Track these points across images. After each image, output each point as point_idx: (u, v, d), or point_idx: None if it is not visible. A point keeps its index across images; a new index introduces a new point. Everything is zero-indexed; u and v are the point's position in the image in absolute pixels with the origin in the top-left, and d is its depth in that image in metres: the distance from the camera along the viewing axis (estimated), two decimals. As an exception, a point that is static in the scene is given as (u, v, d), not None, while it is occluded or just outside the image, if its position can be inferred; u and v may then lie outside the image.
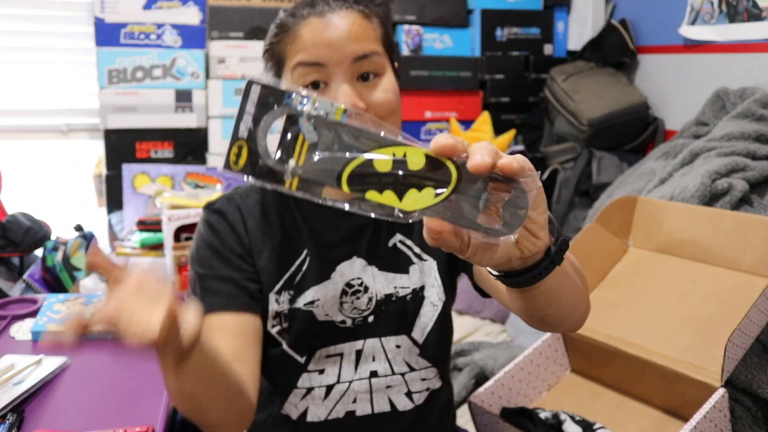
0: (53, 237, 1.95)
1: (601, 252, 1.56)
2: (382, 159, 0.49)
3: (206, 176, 2.27)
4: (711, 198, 1.60)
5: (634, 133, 2.41)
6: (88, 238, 1.96)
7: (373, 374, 0.93)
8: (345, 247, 0.93)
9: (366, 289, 0.92)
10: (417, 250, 0.94)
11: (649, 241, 1.57)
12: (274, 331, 0.92)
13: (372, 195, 0.49)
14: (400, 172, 0.49)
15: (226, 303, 0.88)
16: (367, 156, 0.49)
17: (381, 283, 0.92)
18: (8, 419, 0.93)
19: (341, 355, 0.93)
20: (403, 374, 0.94)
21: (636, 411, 1.36)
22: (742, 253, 1.39)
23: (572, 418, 1.25)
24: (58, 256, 1.90)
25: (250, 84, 0.49)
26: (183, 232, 1.84)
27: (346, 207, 0.50)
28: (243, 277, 0.90)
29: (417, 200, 0.49)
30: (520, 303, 0.70)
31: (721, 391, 1.17)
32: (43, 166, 2.49)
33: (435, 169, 0.49)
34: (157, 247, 1.94)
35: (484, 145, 0.51)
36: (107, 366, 1.14)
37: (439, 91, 2.60)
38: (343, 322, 0.92)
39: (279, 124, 0.49)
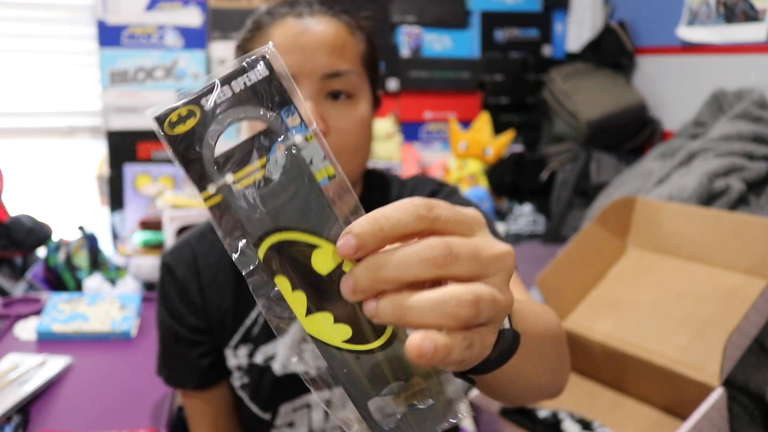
0: (55, 237, 1.96)
1: (600, 252, 1.57)
2: (325, 254, 0.34)
3: (207, 177, 2.28)
4: (708, 198, 1.61)
5: (632, 134, 2.42)
6: (90, 239, 1.97)
7: None
8: None
9: None
10: None
11: (648, 242, 1.58)
12: (236, 384, 0.87)
13: (281, 282, 0.35)
14: (331, 287, 0.34)
15: (185, 382, 0.89)
16: (311, 238, 0.34)
17: None
18: (14, 420, 0.94)
19: (308, 406, 0.86)
20: None
21: (634, 410, 1.37)
22: (741, 254, 1.40)
23: (571, 416, 1.26)
24: (61, 256, 1.90)
25: (262, 57, 0.35)
26: (185, 231, 1.85)
27: (244, 265, 0.35)
28: (197, 353, 0.87)
29: (323, 328, 0.35)
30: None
31: (720, 390, 1.18)
32: (46, 166, 2.50)
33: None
34: (158, 246, 1.95)
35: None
36: (112, 367, 1.15)
37: (438, 92, 2.61)
38: (307, 372, 0.85)
39: (249, 127, 0.35)
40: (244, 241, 0.35)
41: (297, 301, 0.35)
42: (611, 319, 1.45)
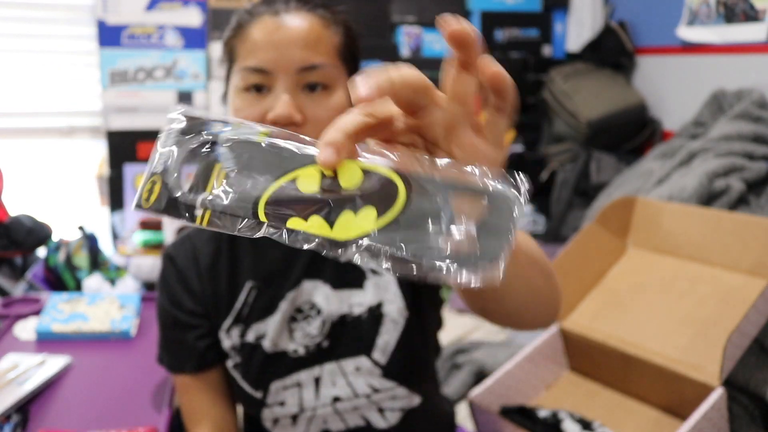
0: (55, 237, 1.96)
1: (600, 252, 1.57)
2: (306, 178, 0.39)
3: (207, 177, 2.28)
4: (709, 198, 1.61)
5: (632, 134, 2.42)
6: (90, 239, 1.97)
7: (336, 399, 0.87)
8: (292, 272, 0.86)
9: (318, 312, 0.86)
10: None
11: (648, 242, 1.58)
12: (230, 365, 0.89)
13: (293, 223, 0.39)
14: (331, 193, 0.39)
15: (184, 366, 0.91)
16: (287, 178, 0.40)
17: (335, 304, 0.86)
18: (13, 419, 0.94)
19: (299, 384, 0.87)
20: (368, 396, 0.87)
21: (634, 410, 1.37)
22: (741, 254, 1.40)
23: (571, 416, 1.26)
24: (61, 256, 1.91)
25: (175, 117, 0.43)
26: (184, 230, 1.85)
27: (264, 233, 0.40)
28: (194, 336, 0.89)
29: (352, 226, 0.38)
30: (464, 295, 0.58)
31: (720, 390, 1.18)
32: (46, 166, 2.50)
33: (377, 185, 0.39)
34: (158, 246, 1.95)
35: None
36: (111, 367, 1.15)
37: (438, 92, 2.61)
38: (296, 351, 0.87)
39: (196, 154, 0.42)
40: (247, 220, 0.40)
41: (315, 226, 0.39)
42: (611, 319, 1.45)
